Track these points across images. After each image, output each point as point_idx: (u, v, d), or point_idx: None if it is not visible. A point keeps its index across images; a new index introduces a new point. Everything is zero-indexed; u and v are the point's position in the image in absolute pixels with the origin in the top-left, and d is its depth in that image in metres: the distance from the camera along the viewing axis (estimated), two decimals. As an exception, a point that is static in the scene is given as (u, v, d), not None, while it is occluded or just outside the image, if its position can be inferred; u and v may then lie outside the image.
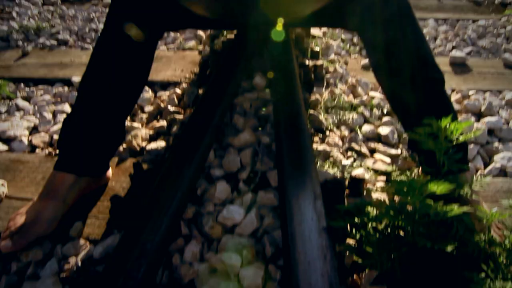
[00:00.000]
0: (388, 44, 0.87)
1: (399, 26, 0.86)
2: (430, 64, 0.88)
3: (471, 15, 1.98)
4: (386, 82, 0.92)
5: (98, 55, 0.93)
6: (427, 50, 0.88)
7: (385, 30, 0.87)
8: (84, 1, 2.24)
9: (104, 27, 0.94)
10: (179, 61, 1.56)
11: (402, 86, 0.87)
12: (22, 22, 1.87)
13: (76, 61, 1.58)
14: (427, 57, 0.88)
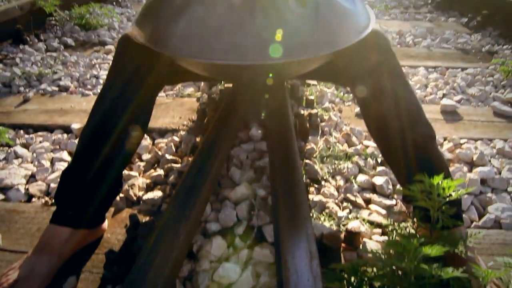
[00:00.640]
0: (379, 101, 0.91)
1: (390, 85, 0.90)
2: (421, 120, 0.91)
3: (460, 63, 2.06)
4: (377, 137, 0.95)
5: (99, 107, 0.96)
6: (418, 107, 0.92)
7: (377, 88, 0.91)
8: (87, 47, 2.32)
9: (106, 81, 0.97)
10: (177, 108, 1.59)
11: (393, 142, 0.89)
12: (25, 69, 1.92)
13: (76, 107, 1.61)
14: (418, 114, 0.91)
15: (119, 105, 0.93)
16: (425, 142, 0.89)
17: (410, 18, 2.88)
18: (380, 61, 0.92)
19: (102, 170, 0.91)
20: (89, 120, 0.95)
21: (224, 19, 0.75)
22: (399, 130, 0.89)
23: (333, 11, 0.80)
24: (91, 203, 0.90)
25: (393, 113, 0.89)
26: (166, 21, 0.81)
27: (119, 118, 0.93)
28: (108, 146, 0.92)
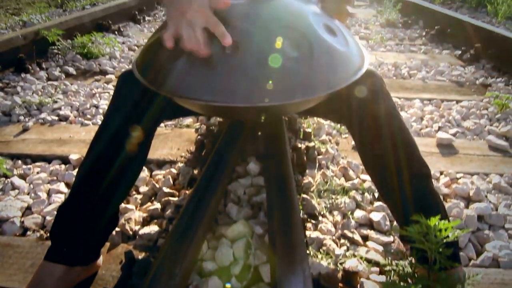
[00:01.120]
0: (375, 140, 0.92)
1: (385, 124, 0.92)
2: (416, 159, 0.92)
3: (454, 95, 2.10)
4: (373, 175, 0.96)
5: (98, 142, 0.96)
6: (413, 145, 0.93)
7: (372, 127, 0.93)
8: (87, 76, 2.35)
9: (105, 116, 0.99)
10: (175, 139, 1.60)
11: (389, 180, 0.90)
12: (26, 97, 1.94)
13: (75, 137, 1.62)
14: (413, 152, 0.92)
15: (117, 141, 0.94)
16: (421, 181, 0.89)
17: (405, 50, 2.95)
18: (374, 101, 0.94)
19: (99, 206, 0.91)
20: (87, 154, 0.96)
21: (218, 62, 0.77)
22: (394, 169, 0.90)
23: (327, 54, 0.82)
24: (87, 240, 0.90)
25: (388, 153, 0.91)
26: (163, 62, 0.83)
27: (117, 154, 0.94)
28: (106, 181, 0.92)
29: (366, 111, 0.94)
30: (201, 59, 0.78)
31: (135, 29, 3.64)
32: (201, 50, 0.73)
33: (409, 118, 1.78)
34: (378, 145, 0.92)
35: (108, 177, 0.93)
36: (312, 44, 0.80)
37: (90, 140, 1.54)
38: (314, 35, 0.82)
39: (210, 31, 0.74)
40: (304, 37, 0.80)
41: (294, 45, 0.78)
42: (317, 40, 0.81)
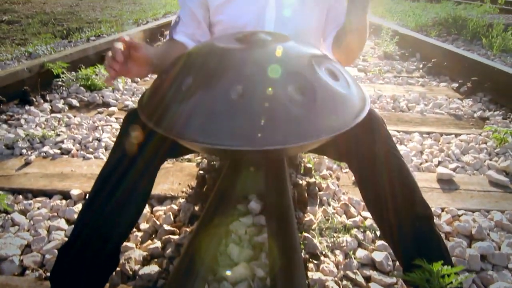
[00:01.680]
0: (375, 180, 0.93)
1: (386, 165, 0.93)
2: (418, 200, 0.92)
3: (453, 129, 2.12)
4: (374, 214, 0.96)
5: (101, 182, 0.97)
6: (414, 186, 0.93)
7: (372, 168, 0.94)
8: (91, 108, 2.38)
9: (109, 156, 1.00)
10: (177, 173, 1.61)
11: (390, 221, 0.90)
12: (29, 130, 1.96)
13: (77, 171, 1.63)
14: (414, 194, 0.92)
15: (121, 181, 0.95)
16: (423, 224, 0.89)
17: (403, 83, 3.00)
18: (374, 141, 0.96)
19: (101, 247, 0.91)
20: (90, 194, 0.96)
21: (223, 106, 0.78)
22: (396, 210, 0.90)
23: (330, 98, 0.84)
24: (88, 283, 0.89)
25: (389, 193, 0.91)
26: (167, 105, 0.85)
27: (120, 194, 0.94)
28: (109, 222, 0.93)
29: (366, 152, 0.95)
30: (205, 103, 0.80)
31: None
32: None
33: (408, 152, 1.80)
34: (378, 186, 0.93)
35: (110, 217, 0.93)
36: (315, 89, 0.82)
37: (92, 175, 1.56)
38: (317, 80, 0.84)
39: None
40: (307, 81, 0.82)
41: (298, 89, 0.80)
42: (320, 84, 0.83)
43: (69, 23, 6.59)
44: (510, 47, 4.00)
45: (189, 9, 1.18)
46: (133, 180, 0.96)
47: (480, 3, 7.49)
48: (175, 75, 0.89)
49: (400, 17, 6.48)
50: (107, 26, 5.74)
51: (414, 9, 7.26)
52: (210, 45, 0.95)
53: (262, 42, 0.93)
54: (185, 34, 1.19)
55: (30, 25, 6.26)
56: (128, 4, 9.90)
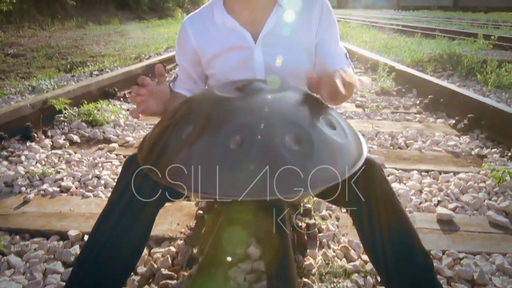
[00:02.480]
0: (373, 227, 0.93)
1: (384, 212, 0.93)
2: (417, 248, 0.92)
3: (451, 167, 2.13)
4: (373, 260, 0.95)
5: (99, 227, 0.97)
6: (413, 234, 0.93)
7: (369, 213, 0.94)
8: (91, 144, 2.40)
9: (109, 200, 1.00)
10: (176, 213, 1.60)
11: (390, 270, 0.89)
12: (29, 167, 1.96)
13: (75, 211, 1.62)
14: (414, 241, 0.92)
15: (119, 226, 0.95)
16: (422, 273, 0.89)
17: (401, 119, 3.05)
18: (372, 187, 0.96)
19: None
20: (89, 238, 0.96)
21: (222, 157, 0.80)
22: (394, 259, 0.90)
23: (328, 147, 0.85)
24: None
25: (387, 240, 0.91)
26: (167, 153, 0.87)
27: (118, 239, 0.94)
28: (106, 268, 0.92)
29: (364, 198, 0.96)
30: (204, 152, 0.82)
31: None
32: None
33: (408, 191, 1.80)
34: (376, 233, 0.93)
35: (108, 262, 0.92)
36: (312, 139, 0.83)
37: (90, 214, 1.55)
38: (314, 130, 0.86)
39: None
40: (305, 131, 0.84)
41: (296, 140, 0.82)
42: (317, 134, 0.85)
43: (73, 56, 6.75)
44: (504, 83, 4.08)
45: (184, 68, 1.26)
46: (131, 225, 0.96)
47: (473, 38, 7.71)
48: (175, 123, 0.91)
49: (396, 52, 6.65)
50: (110, 61, 5.87)
51: (409, 44, 7.45)
52: (210, 93, 0.98)
53: (260, 91, 0.95)
54: (183, 89, 1.26)
55: (35, 58, 6.40)
56: (131, 38, 10.16)
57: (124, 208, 0.97)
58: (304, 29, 1.20)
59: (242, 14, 1.18)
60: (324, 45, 1.22)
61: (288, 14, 1.18)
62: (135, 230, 0.97)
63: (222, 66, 1.22)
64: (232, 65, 1.21)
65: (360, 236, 0.99)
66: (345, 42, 8.50)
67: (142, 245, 1.01)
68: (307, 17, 1.20)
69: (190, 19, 1.26)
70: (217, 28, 1.20)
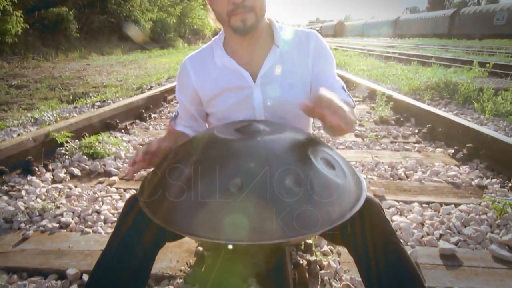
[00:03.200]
0: (373, 267, 0.93)
1: (384, 253, 0.93)
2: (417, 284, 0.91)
3: (452, 198, 2.12)
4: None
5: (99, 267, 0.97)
6: (414, 273, 0.92)
7: (369, 254, 0.94)
8: (92, 177, 2.41)
9: (110, 239, 1.00)
10: (175, 249, 1.58)
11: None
12: (29, 203, 1.96)
13: (74, 248, 1.61)
14: (414, 282, 0.91)
15: (119, 267, 0.95)
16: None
17: (400, 148, 3.06)
18: (372, 228, 0.96)
19: None
20: (89, 281, 0.96)
21: (223, 200, 0.80)
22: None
23: (327, 189, 0.86)
24: None
25: (388, 282, 0.90)
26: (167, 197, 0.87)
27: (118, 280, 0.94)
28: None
29: (363, 239, 0.96)
30: (205, 196, 0.82)
31: (141, 127, 3.82)
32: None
33: (409, 225, 1.79)
34: (377, 273, 0.92)
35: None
36: (312, 181, 0.84)
37: (89, 251, 1.54)
38: (314, 171, 0.87)
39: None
40: (304, 173, 0.85)
41: (295, 182, 0.83)
42: (316, 176, 0.86)
43: (75, 87, 6.86)
44: (501, 111, 4.12)
45: (185, 106, 1.29)
46: (131, 266, 0.96)
47: (469, 66, 7.85)
48: (176, 166, 0.92)
49: (394, 81, 6.75)
50: (112, 91, 5.96)
51: (406, 72, 7.58)
52: (210, 135, 0.99)
53: (259, 133, 0.97)
54: (184, 126, 1.28)
55: (38, 89, 6.50)
56: (133, 68, 10.36)
57: (123, 249, 0.97)
58: (301, 66, 1.23)
59: (241, 54, 1.21)
60: (320, 79, 1.24)
61: (284, 54, 1.22)
62: (135, 270, 0.97)
63: (222, 105, 1.25)
64: (232, 104, 1.23)
65: (361, 275, 0.98)
66: (342, 70, 8.66)
67: (143, 286, 1.00)
68: (302, 54, 1.23)
69: (190, 58, 1.29)
70: (217, 68, 1.23)
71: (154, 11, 21.79)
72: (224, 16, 1.09)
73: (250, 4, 1.06)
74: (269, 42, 1.22)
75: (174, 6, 25.04)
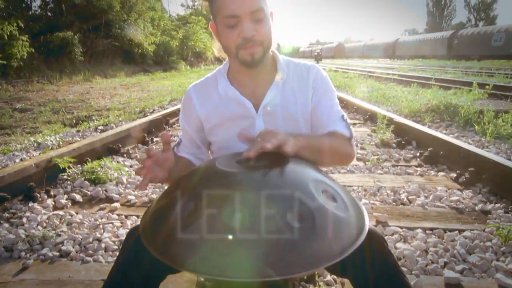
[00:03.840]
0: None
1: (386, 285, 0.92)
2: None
3: (456, 224, 2.10)
4: None
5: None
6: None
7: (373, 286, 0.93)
8: (93, 203, 2.40)
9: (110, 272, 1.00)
10: (177, 279, 1.56)
11: None
12: (30, 231, 1.95)
13: (75, 277, 1.59)
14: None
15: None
16: None
17: (402, 172, 3.06)
18: (375, 260, 0.96)
19: None
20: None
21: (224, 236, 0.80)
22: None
23: (329, 223, 0.85)
24: None
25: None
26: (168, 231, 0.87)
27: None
28: None
29: (366, 272, 0.95)
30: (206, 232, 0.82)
31: (143, 151, 3.83)
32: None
33: (413, 252, 1.76)
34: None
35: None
36: (314, 215, 0.84)
37: (89, 281, 1.52)
38: (316, 205, 0.86)
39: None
40: (306, 208, 0.85)
41: (297, 217, 0.82)
42: (318, 209, 0.86)
43: (79, 110, 6.93)
44: (502, 134, 4.13)
45: (188, 133, 1.30)
46: None
47: (469, 88, 7.91)
48: (177, 200, 0.92)
49: (394, 102, 6.80)
50: (115, 115, 6.01)
51: (406, 94, 7.64)
52: (212, 167, 1.00)
53: (260, 165, 0.97)
54: (186, 153, 1.29)
55: (42, 113, 6.57)
56: (136, 91, 10.48)
57: (124, 282, 0.97)
58: (301, 97, 1.25)
59: (245, 85, 1.23)
60: (318, 109, 1.25)
61: (286, 85, 1.24)
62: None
63: (224, 134, 1.26)
64: (234, 133, 1.24)
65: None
66: (343, 92, 8.74)
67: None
68: (303, 86, 1.25)
69: (194, 87, 1.31)
70: (221, 97, 1.25)
71: (157, 34, 22.24)
72: (232, 50, 1.11)
73: (259, 38, 1.08)
74: (272, 73, 1.24)
75: (177, 29, 25.57)
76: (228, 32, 1.08)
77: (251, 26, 1.05)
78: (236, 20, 1.05)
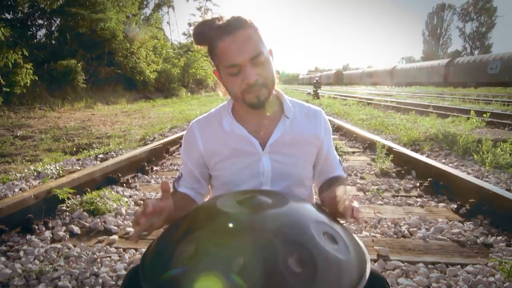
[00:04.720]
0: None
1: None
2: None
3: (458, 258, 2.08)
4: None
5: None
6: None
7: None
8: (91, 236, 2.38)
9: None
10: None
11: None
12: (27, 265, 1.93)
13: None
14: None
15: None
16: None
17: (402, 203, 3.04)
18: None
19: None
20: None
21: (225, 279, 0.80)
22: None
23: (330, 267, 0.85)
24: None
25: None
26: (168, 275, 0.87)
27: None
28: None
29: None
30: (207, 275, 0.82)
31: (143, 180, 3.83)
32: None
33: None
34: None
35: None
36: (315, 260, 0.83)
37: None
38: (317, 249, 0.86)
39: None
40: (307, 252, 0.85)
41: (298, 261, 0.82)
42: (319, 253, 0.86)
43: (79, 138, 6.96)
44: (502, 163, 4.14)
45: (189, 167, 1.30)
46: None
47: (466, 115, 7.99)
48: (177, 243, 0.92)
49: (393, 131, 6.85)
50: (116, 142, 6.04)
51: (405, 122, 7.70)
52: (213, 208, 1.00)
53: (262, 206, 0.98)
54: (186, 188, 1.29)
55: (43, 140, 6.60)
56: (137, 118, 10.57)
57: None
58: (308, 139, 1.28)
59: (251, 122, 1.25)
60: (329, 157, 1.35)
61: (294, 124, 1.26)
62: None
63: (229, 169, 1.26)
64: (239, 169, 1.25)
65: None
66: (342, 120, 8.81)
67: None
68: (313, 128, 1.29)
69: (198, 122, 1.32)
70: (226, 133, 1.26)
71: (159, 62, 22.64)
72: (238, 94, 1.14)
73: (262, 81, 1.11)
74: (278, 111, 1.26)
75: (178, 57, 26.06)
76: (232, 79, 1.11)
77: (253, 72, 1.08)
78: (237, 68, 1.08)
